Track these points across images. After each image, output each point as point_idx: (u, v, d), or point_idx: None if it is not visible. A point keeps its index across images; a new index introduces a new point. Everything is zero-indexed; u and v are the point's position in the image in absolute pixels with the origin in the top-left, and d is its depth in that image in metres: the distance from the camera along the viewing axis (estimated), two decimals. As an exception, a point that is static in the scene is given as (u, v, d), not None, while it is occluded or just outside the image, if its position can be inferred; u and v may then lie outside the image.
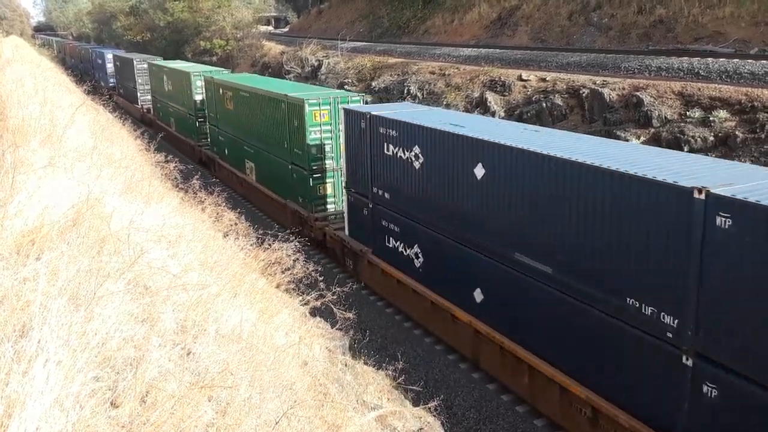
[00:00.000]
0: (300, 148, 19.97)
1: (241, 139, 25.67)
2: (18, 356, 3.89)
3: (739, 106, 17.14)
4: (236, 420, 4.99)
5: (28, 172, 7.87)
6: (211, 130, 30.19)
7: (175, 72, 34.95)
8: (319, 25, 61.44)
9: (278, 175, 22.50)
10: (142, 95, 44.67)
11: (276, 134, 22.08)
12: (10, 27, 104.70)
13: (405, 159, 14.00)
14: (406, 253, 14.93)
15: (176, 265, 7.69)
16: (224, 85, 26.94)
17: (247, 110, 24.40)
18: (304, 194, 20.33)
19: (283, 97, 20.82)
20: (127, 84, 48.97)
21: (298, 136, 19.86)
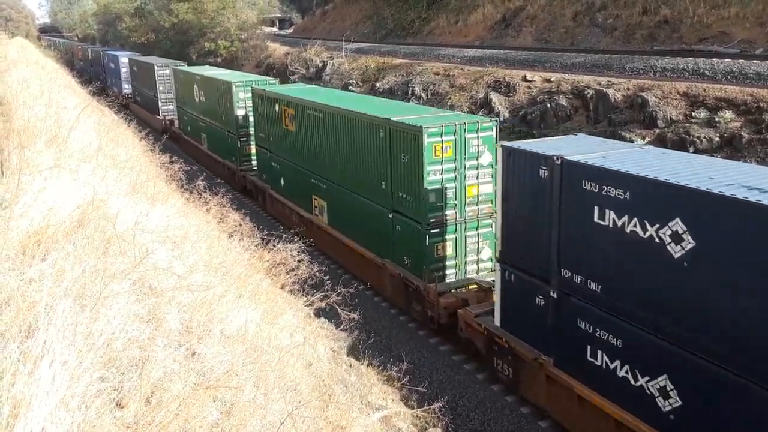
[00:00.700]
0: (411, 193, 14.76)
1: (307, 170, 20.34)
2: (24, 357, 3.91)
3: (745, 107, 17.10)
4: (241, 420, 4.99)
5: (34, 173, 7.90)
6: (259, 153, 24.91)
7: (210, 81, 29.57)
8: (324, 26, 61.51)
9: (368, 224, 17.02)
10: (164, 105, 40.27)
11: (367, 169, 16.67)
12: (16, 28, 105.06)
13: (646, 238, 8.92)
14: (637, 383, 9.51)
15: (181, 266, 7.70)
16: (282, 100, 21.80)
17: (319, 134, 19.18)
18: (414, 255, 14.95)
19: (383, 122, 15.48)
20: (145, 91, 44.34)
21: (409, 177, 14.68)
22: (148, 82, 42.34)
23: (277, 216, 23.85)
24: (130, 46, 72.11)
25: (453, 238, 14.68)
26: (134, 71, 48.01)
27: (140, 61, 46.62)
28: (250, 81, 26.50)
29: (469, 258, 14.98)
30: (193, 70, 35.05)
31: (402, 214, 15.28)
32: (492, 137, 14.51)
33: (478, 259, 15.07)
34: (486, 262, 15.06)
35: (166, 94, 39.92)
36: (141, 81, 45.60)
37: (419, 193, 14.37)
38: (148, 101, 43.64)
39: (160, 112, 40.45)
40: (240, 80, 26.89)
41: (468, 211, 14.66)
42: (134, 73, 48.18)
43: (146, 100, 44.26)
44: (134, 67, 47.84)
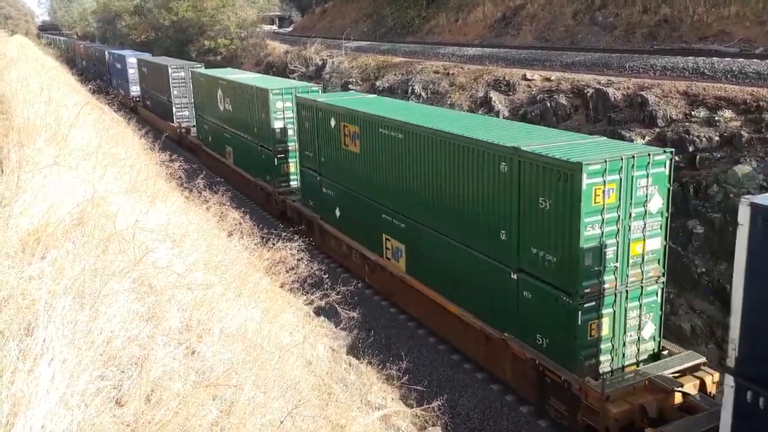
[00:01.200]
0: (554, 251, 10.78)
1: (376, 202, 16.31)
2: (23, 355, 3.90)
3: (745, 106, 17.07)
4: (241, 419, 4.99)
5: (34, 171, 7.88)
6: (305, 175, 20.83)
7: (240, 87, 25.53)
8: (323, 24, 61.46)
9: (474, 281, 12.99)
10: (179, 111, 36.72)
11: (476, 211, 12.57)
12: (15, 26, 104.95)
13: None
14: None
15: (181, 265, 7.70)
16: (341, 113, 17.60)
17: (396, 160, 15.12)
18: (556, 334, 11.05)
19: (507, 152, 11.49)
20: (156, 95, 40.69)
21: (552, 229, 10.77)
22: (160, 85, 38.72)
23: (331, 253, 19.93)
24: (129, 44, 72.01)
25: (610, 313, 10.88)
26: (144, 72, 44.41)
27: (151, 62, 42.99)
28: (289, 88, 22.74)
29: (629, 338, 11.24)
30: (217, 73, 30.59)
31: (535, 277, 11.30)
32: (664, 175, 10.99)
33: (639, 338, 11.39)
34: (648, 342, 11.51)
35: (181, 99, 36.52)
36: (152, 83, 41.95)
37: (570, 252, 10.48)
38: (160, 106, 40.00)
39: (175, 118, 36.80)
40: (277, 87, 22.83)
41: (630, 276, 11.00)
42: (144, 74, 44.53)
43: (158, 104, 40.67)
44: (144, 68, 44.25)
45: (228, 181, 26.02)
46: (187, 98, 35.86)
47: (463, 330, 13.67)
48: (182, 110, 36.58)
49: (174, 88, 36.38)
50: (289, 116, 22.27)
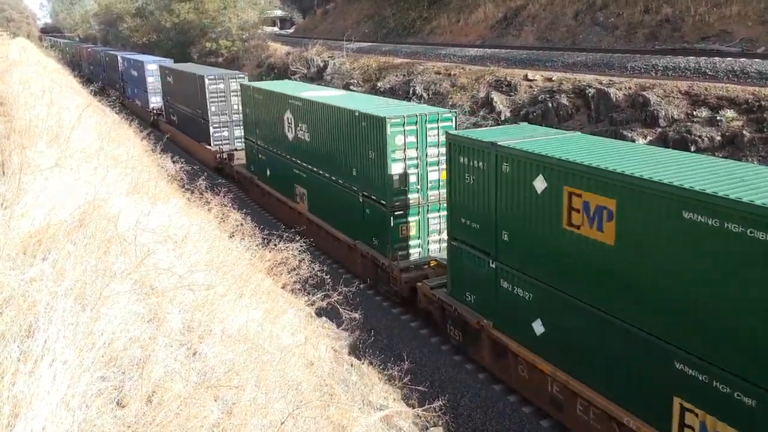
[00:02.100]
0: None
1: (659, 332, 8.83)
2: (24, 356, 3.91)
3: (747, 106, 17.06)
4: (242, 420, 4.99)
5: (35, 173, 7.90)
6: (468, 257, 12.97)
7: (328, 111, 18.54)
8: (325, 25, 61.52)
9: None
10: (218, 131, 30.43)
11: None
12: (17, 29, 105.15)
13: None
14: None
15: (182, 266, 7.71)
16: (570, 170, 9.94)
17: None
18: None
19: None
20: (186, 110, 34.37)
21: None
22: (192, 98, 32.36)
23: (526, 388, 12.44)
24: (131, 47, 72.10)
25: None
26: (169, 82, 37.89)
27: (179, 70, 36.21)
28: (412, 115, 15.59)
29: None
30: (281, 88, 23.05)
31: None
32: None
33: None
34: None
35: (220, 117, 30.44)
36: (180, 96, 35.50)
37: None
38: (191, 124, 33.68)
39: (212, 140, 30.50)
40: (397, 114, 15.66)
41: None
42: (168, 84, 37.99)
43: (188, 121, 34.33)
44: (169, 76, 37.69)
45: (303, 234, 15.66)
46: (227, 116, 30.41)
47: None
48: (222, 130, 30.53)
49: (212, 103, 30.14)
50: (411, 157, 15.77)
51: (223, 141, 30.83)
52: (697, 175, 8.71)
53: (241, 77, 30.72)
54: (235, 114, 30.00)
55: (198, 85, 30.77)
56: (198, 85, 30.78)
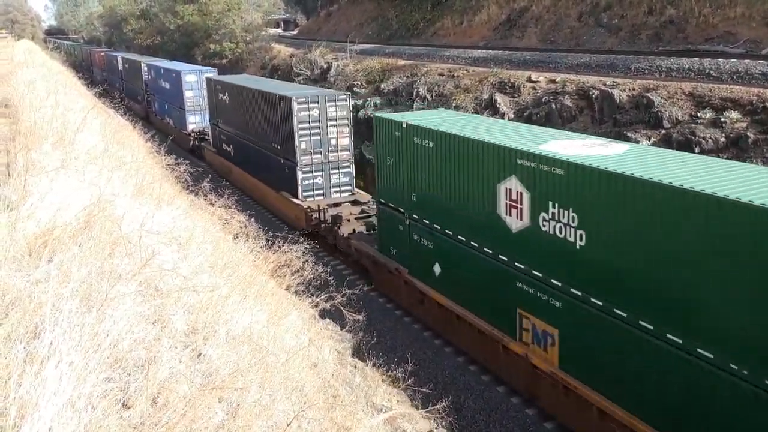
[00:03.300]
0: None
1: None
2: (31, 357, 3.93)
3: (751, 107, 17.02)
4: (247, 422, 5.00)
5: (40, 175, 7.93)
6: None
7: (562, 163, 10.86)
8: (328, 27, 61.57)
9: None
10: (309, 178, 22.18)
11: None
12: (22, 31, 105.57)
13: None
14: None
15: (187, 267, 7.73)
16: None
17: None
18: None
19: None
20: (250, 142, 26.35)
21: None
22: (265, 126, 24.31)
23: None
24: (136, 49, 72.23)
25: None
26: (222, 100, 29.42)
27: (243, 86, 27.01)
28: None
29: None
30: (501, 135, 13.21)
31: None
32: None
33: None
34: None
35: (312, 157, 21.83)
36: (240, 120, 27.37)
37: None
38: (261, 162, 25.30)
39: (301, 191, 21.94)
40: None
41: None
42: (222, 103, 29.49)
43: (256, 158, 25.95)
44: (222, 93, 29.15)
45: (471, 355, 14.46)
46: (321, 155, 22.00)
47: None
48: (313, 176, 22.27)
49: (301, 137, 21.48)
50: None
51: (316, 192, 22.28)
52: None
53: (370, 102, 23.24)
54: (343, 152, 22.46)
55: (278, 110, 22.46)
56: (278, 109, 22.46)
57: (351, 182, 23.28)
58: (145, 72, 45.45)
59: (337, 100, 22.11)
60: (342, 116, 22.24)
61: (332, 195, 22.68)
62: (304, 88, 27.16)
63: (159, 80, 41.53)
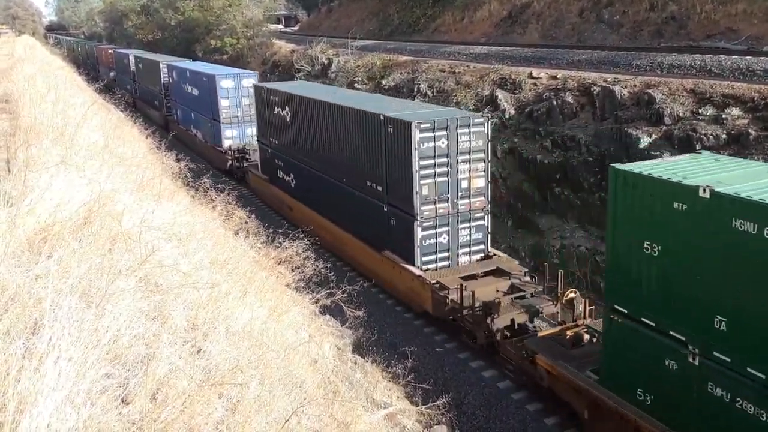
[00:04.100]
0: None
1: None
2: (30, 353, 3.92)
3: (752, 104, 16.98)
4: (246, 417, 5.00)
5: (41, 170, 7.92)
6: None
7: None
8: (329, 23, 61.47)
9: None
10: (431, 236, 15.93)
11: None
12: (23, 26, 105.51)
13: None
14: None
15: (187, 263, 7.72)
16: None
17: None
18: None
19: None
20: (332, 177, 19.73)
21: None
22: (352, 154, 18.33)
23: None
24: (136, 44, 72.13)
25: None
26: (276, 114, 23.28)
27: (312, 99, 20.71)
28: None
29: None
30: None
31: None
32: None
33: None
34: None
35: (435, 207, 15.78)
36: (308, 143, 21.15)
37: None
38: (346, 204, 19.06)
39: (419, 253, 15.85)
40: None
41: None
42: (274, 117, 23.55)
43: (334, 196, 19.67)
44: (279, 106, 22.86)
45: None
46: (448, 204, 15.90)
47: None
48: (438, 233, 15.95)
49: (423, 179, 15.51)
50: None
51: (440, 255, 16.02)
52: None
53: (477, 123, 15.87)
54: (477, 198, 16.14)
55: (384, 138, 16.22)
56: (385, 136, 16.21)
57: (485, 240, 16.43)
58: (165, 74, 39.69)
59: (471, 125, 15.56)
60: (477, 148, 15.73)
61: (460, 258, 16.08)
62: (415, 105, 19.89)
63: (184, 84, 35.12)
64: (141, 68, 46.96)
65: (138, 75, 48.12)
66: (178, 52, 56.54)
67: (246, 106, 29.34)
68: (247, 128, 29.49)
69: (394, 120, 15.87)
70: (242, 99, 29.77)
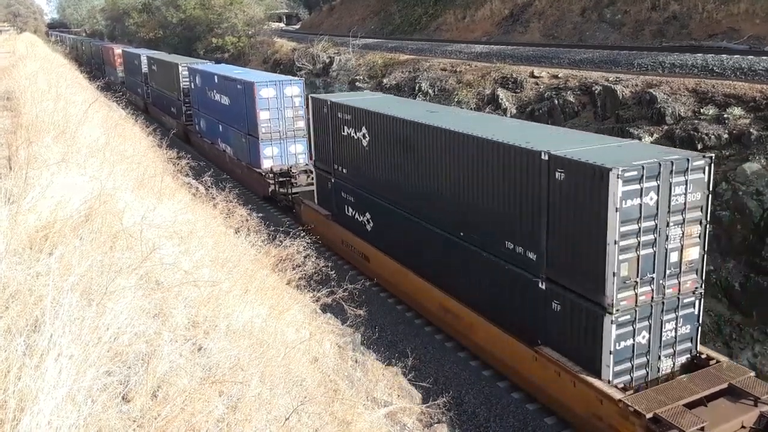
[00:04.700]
0: None
1: None
2: (30, 350, 3.92)
3: (754, 104, 16.96)
4: (247, 415, 5.00)
5: (42, 168, 7.92)
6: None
7: None
8: (331, 21, 61.44)
9: None
10: (627, 335, 10.61)
11: None
12: (24, 24, 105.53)
13: None
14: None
15: (188, 261, 7.72)
16: None
17: None
18: None
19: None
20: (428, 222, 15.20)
21: None
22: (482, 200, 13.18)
23: None
24: (137, 42, 72.11)
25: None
26: (346, 135, 18.90)
27: (409, 121, 15.51)
28: None
29: None
30: None
31: None
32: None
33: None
34: None
35: (634, 294, 10.53)
36: (398, 177, 16.42)
37: None
38: (466, 268, 14.04)
39: (610, 362, 10.60)
40: None
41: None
42: (342, 139, 19.17)
43: (445, 254, 14.71)
44: (354, 127, 18.39)
45: None
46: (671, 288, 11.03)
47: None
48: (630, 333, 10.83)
49: (623, 251, 10.37)
50: None
51: (637, 362, 11.04)
52: None
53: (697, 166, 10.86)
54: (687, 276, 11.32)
55: (541, 184, 11.50)
56: (544, 181, 11.41)
57: (693, 335, 11.34)
58: (185, 77, 34.99)
59: (690, 170, 10.49)
60: (694, 203, 10.70)
61: (662, 363, 11.14)
62: (578, 136, 13.54)
63: (210, 91, 30.68)
64: (155, 70, 42.29)
65: (151, 78, 43.93)
66: (180, 50, 56.54)
67: (290, 119, 25.13)
68: (290, 145, 25.37)
69: (572, 162, 10.77)
70: (285, 111, 25.00)
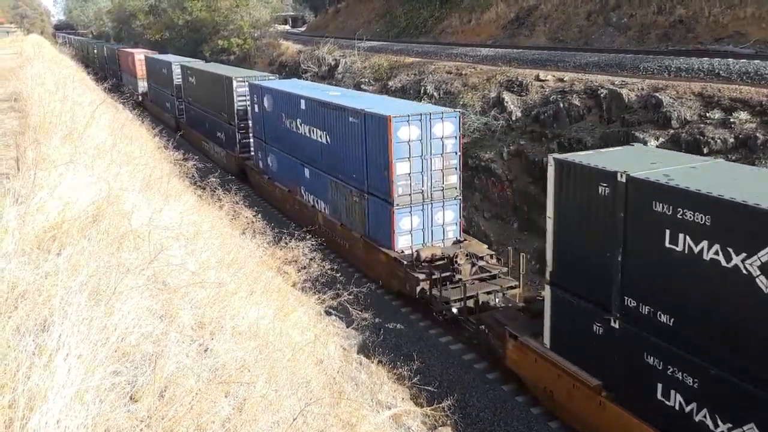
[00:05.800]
0: None
1: None
2: (39, 350, 3.95)
3: (760, 108, 16.92)
4: (253, 416, 5.02)
5: (50, 169, 7.96)
6: None
7: None
8: (336, 24, 61.54)
9: None
10: None
11: None
12: (31, 25, 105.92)
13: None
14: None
15: (194, 263, 7.75)
16: None
17: None
18: None
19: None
20: None
21: None
22: None
23: None
24: (143, 44, 72.33)
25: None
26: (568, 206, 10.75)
27: None
28: None
29: None
30: None
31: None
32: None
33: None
34: None
35: None
36: None
37: None
38: None
39: None
40: None
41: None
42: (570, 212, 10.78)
43: None
44: None
45: None
46: None
47: None
48: None
49: None
50: None
51: None
52: None
53: None
54: None
55: None
56: None
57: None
58: (242, 96, 27.39)
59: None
60: None
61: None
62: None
63: (289, 119, 22.66)
64: (193, 83, 33.88)
65: (186, 91, 35.41)
66: (186, 52, 56.73)
67: (437, 172, 17.14)
68: (437, 212, 17.32)
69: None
70: (433, 160, 17.01)
